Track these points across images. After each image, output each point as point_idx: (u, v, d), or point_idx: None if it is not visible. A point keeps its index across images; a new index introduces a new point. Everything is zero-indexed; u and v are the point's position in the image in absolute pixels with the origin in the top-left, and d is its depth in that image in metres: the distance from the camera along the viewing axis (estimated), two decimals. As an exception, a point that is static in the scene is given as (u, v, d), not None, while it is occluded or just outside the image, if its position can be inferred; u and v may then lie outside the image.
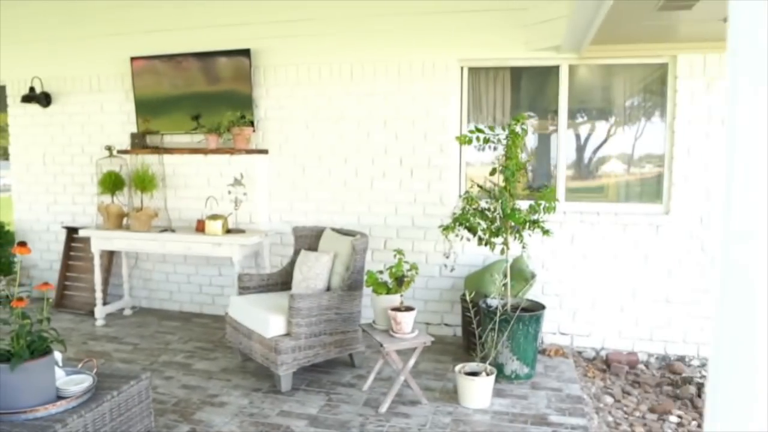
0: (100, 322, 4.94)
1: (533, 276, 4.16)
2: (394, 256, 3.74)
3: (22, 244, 2.73)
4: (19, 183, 5.78)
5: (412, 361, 3.43)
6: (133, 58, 5.09)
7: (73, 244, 5.52)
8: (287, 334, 3.64)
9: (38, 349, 2.76)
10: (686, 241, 4.26)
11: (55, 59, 5.47)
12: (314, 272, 3.93)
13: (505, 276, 3.85)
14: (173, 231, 4.72)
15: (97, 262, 4.89)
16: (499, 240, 3.87)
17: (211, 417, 3.30)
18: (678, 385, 3.90)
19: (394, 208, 4.71)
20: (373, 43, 4.63)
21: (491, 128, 3.93)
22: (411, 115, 4.61)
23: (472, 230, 4.03)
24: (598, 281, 4.42)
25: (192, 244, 4.56)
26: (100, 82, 5.38)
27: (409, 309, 3.44)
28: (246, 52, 4.77)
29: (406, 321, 3.41)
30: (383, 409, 3.37)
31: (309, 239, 4.36)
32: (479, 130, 3.89)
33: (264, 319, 3.64)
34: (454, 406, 3.46)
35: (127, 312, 5.26)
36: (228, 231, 4.60)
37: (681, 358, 4.32)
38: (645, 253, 4.33)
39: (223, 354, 4.29)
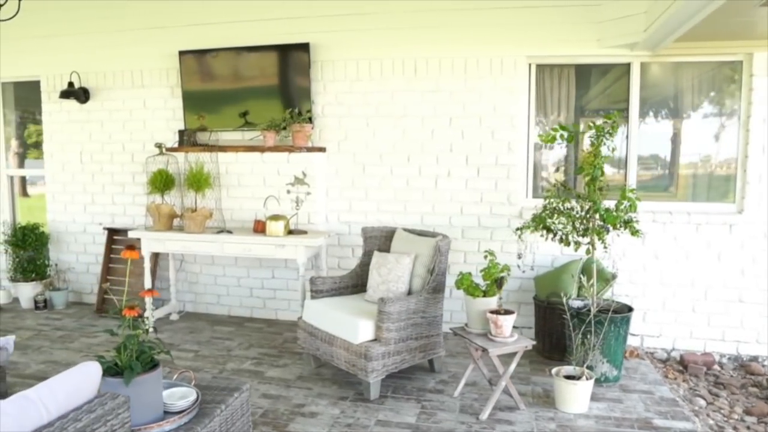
0: (149, 328, 4.72)
1: (614, 277, 4.08)
2: (485, 257, 3.62)
3: (131, 247, 2.53)
4: (53, 182, 5.50)
5: (513, 366, 3.32)
6: (181, 52, 4.88)
7: (113, 246, 5.28)
8: (375, 340, 3.50)
9: (144, 361, 2.57)
10: (760, 240, 4.23)
11: (94, 53, 5.22)
12: (395, 274, 3.79)
13: (590, 277, 3.77)
14: (230, 232, 4.53)
15: (147, 265, 4.67)
16: (585, 240, 3.78)
17: (307, 429, 3.15)
18: (764, 386, 3.86)
19: (460, 208, 4.60)
20: (438, 38, 4.50)
21: (564, 127, 3.83)
22: (478, 113, 4.50)
23: (550, 230, 3.96)
24: (670, 281, 4.37)
25: (253, 245, 4.37)
26: (143, 76, 5.15)
27: (508, 312, 3.33)
28: (305, 47, 4.60)
29: (507, 324, 3.30)
30: (484, 415, 3.26)
31: (379, 240, 4.22)
32: (564, 128, 3.80)
33: (352, 324, 3.49)
34: (552, 411, 3.36)
35: (174, 317, 5.04)
36: (290, 232, 4.43)
37: (754, 359, 4.29)
38: (718, 252, 4.29)
39: (292, 360, 4.12)
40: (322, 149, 4.71)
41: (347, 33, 4.65)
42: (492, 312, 3.34)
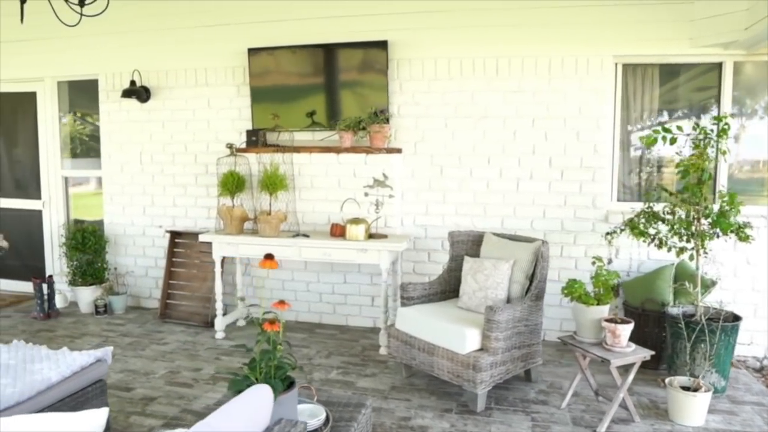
0: (220, 335, 4.57)
1: (713, 283, 3.96)
2: (593, 263, 3.50)
3: (270, 256, 2.39)
4: (110, 184, 5.35)
5: (631, 377, 3.19)
6: (251, 50, 4.73)
7: (175, 250, 5.13)
8: (481, 349, 3.37)
9: (280, 378, 2.41)
10: None
11: (155, 51, 5.08)
12: (493, 281, 3.66)
13: (695, 284, 3.64)
14: (307, 236, 4.39)
15: (218, 269, 4.53)
16: (689, 245, 3.66)
17: (422, 442, 3.02)
18: None
19: (542, 211, 4.47)
20: (521, 37, 4.37)
21: (666, 129, 3.71)
22: (562, 114, 4.37)
23: (646, 235, 3.83)
24: (761, 287, 4.24)
25: (332, 250, 4.23)
26: (207, 75, 5.00)
27: (625, 321, 3.20)
28: (382, 44, 4.47)
29: (625, 334, 3.17)
30: (602, 429, 3.12)
31: (466, 245, 4.09)
32: (666, 130, 3.68)
33: (459, 333, 3.36)
34: (669, 424, 3.23)
35: (241, 323, 4.90)
36: (370, 236, 4.29)
37: None
38: (813, 258, 4.17)
39: (379, 369, 3.99)
40: (398, 150, 4.57)
41: (425, 31, 4.51)
42: (608, 321, 3.21)
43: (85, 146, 5.65)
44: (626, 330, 3.18)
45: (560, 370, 4.00)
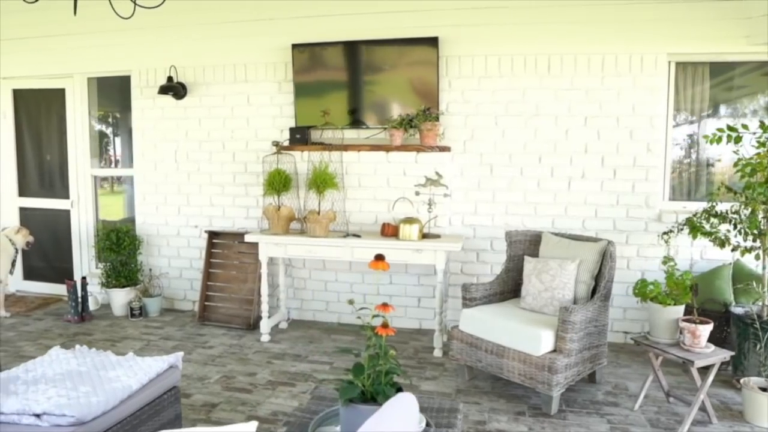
0: (265, 338, 4.45)
1: (774, 283, 3.94)
2: (664, 263, 3.45)
3: (380, 257, 2.30)
4: (143, 182, 5.20)
5: (711, 378, 3.15)
6: (294, 46, 4.62)
7: (212, 251, 4.99)
8: (555, 351, 3.31)
9: (388, 384, 2.32)
10: None
11: (191, 47, 4.94)
12: (560, 281, 3.60)
13: (763, 283, 3.62)
14: (358, 236, 4.29)
15: (264, 270, 4.41)
16: (756, 244, 3.64)
17: (506, 447, 2.95)
18: None
19: (594, 211, 4.42)
20: (574, 35, 4.32)
21: (732, 128, 3.69)
22: (615, 112, 4.33)
23: (707, 234, 3.81)
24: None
25: (386, 250, 4.12)
26: (246, 71, 4.88)
27: (704, 321, 3.16)
28: (433, 41, 4.39)
29: (705, 334, 3.13)
30: (684, 431, 3.08)
31: (523, 245, 4.03)
32: (731, 129, 3.65)
33: (533, 335, 3.29)
34: (747, 426, 3.19)
35: (283, 325, 4.79)
36: (423, 236, 4.21)
37: None
38: None
39: (438, 372, 3.91)
40: (446, 149, 4.50)
41: (475, 27, 4.44)
42: (686, 320, 3.16)
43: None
44: (706, 330, 3.14)
45: (620, 370, 3.96)
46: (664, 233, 4.12)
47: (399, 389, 2.30)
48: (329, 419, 2.44)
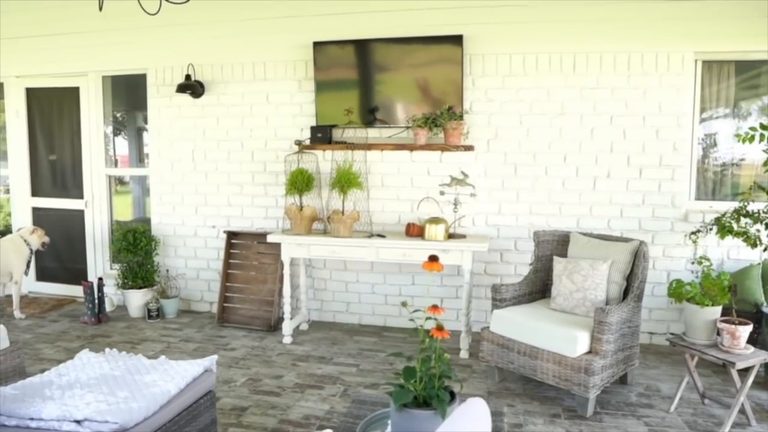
0: (287, 339, 4.39)
1: (805, 283, 3.92)
2: (699, 263, 3.42)
3: (434, 258, 2.25)
4: (159, 182, 5.13)
5: (750, 380, 3.11)
6: (316, 43, 4.56)
7: (231, 251, 4.93)
8: (590, 352, 3.27)
9: (440, 388, 2.27)
10: None
11: (209, 44, 4.87)
12: (592, 282, 3.56)
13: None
14: (382, 236, 4.24)
15: (287, 271, 4.35)
16: (788, 245, 3.61)
17: (546, 451, 2.90)
18: None
19: (619, 211, 4.38)
20: (599, 33, 4.28)
21: (765, 126, 3.66)
22: (641, 111, 4.29)
23: (737, 234, 3.78)
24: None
25: (412, 251, 4.09)
26: (265, 69, 4.81)
27: (743, 322, 3.13)
28: (457, 39, 4.34)
29: (744, 335, 3.10)
30: (724, 433, 3.05)
31: (551, 245, 3.99)
32: (764, 127, 3.62)
33: (568, 336, 3.25)
34: (786, 428, 3.17)
35: (304, 326, 4.73)
36: (449, 236, 4.17)
37: None
38: None
39: (467, 374, 3.86)
40: (470, 148, 4.45)
41: (500, 26, 4.39)
42: (725, 321, 3.13)
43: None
44: (746, 331, 3.10)
45: (650, 372, 3.93)
46: (692, 233, 4.08)
47: (452, 394, 2.26)
48: (374, 423, 2.39)
